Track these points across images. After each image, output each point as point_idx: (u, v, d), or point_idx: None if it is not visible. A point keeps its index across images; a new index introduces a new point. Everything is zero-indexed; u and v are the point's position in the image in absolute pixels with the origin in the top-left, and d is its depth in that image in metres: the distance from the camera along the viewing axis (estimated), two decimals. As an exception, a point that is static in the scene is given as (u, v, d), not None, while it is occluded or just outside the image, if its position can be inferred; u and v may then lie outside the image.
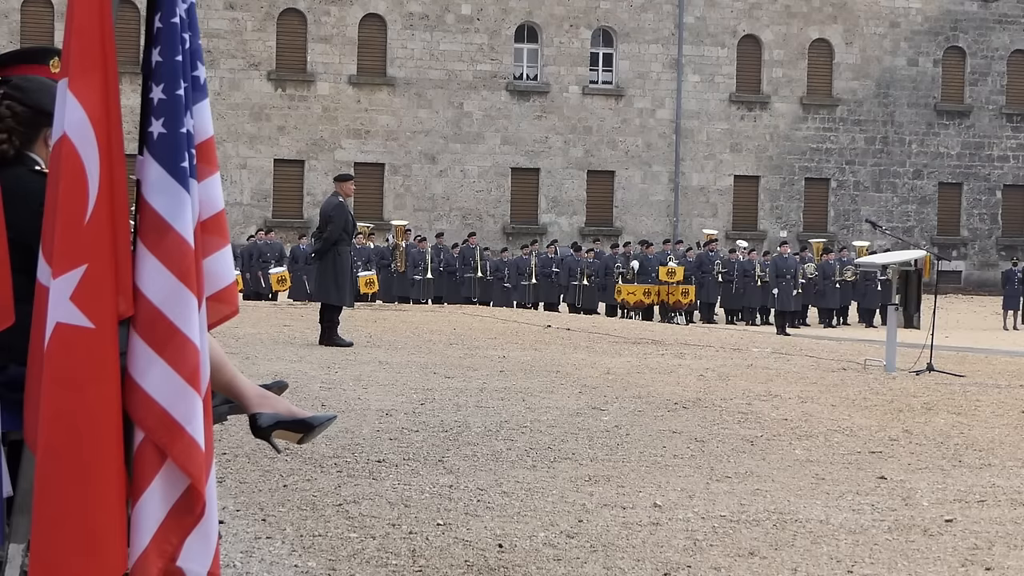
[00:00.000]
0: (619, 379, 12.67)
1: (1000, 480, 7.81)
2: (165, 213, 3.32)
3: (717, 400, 11.12)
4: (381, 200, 43.27)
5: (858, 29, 47.22)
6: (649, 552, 5.88)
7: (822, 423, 9.95)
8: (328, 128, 43.06)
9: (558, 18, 44.74)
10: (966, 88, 48.51)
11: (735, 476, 7.73)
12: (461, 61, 44.03)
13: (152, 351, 3.32)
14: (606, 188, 45.27)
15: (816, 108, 46.99)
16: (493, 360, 14.52)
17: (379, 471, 7.66)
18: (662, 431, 9.37)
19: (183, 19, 3.42)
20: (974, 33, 48.36)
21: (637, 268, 32.84)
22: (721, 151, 46.18)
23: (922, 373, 13.75)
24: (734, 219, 46.17)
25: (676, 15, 45.52)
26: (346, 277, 16.71)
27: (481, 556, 5.76)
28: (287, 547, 5.88)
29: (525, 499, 6.94)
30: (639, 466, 7.99)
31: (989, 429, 9.89)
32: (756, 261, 34.16)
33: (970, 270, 48.21)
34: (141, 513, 3.32)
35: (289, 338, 17.15)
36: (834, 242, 40.84)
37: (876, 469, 8.06)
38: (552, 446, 8.62)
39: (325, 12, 43.03)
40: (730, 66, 46.22)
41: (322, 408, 9.74)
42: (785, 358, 15.57)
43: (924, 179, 48.10)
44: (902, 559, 5.86)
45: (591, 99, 45.02)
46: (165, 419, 3.31)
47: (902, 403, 11.26)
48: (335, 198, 16.93)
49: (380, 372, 12.96)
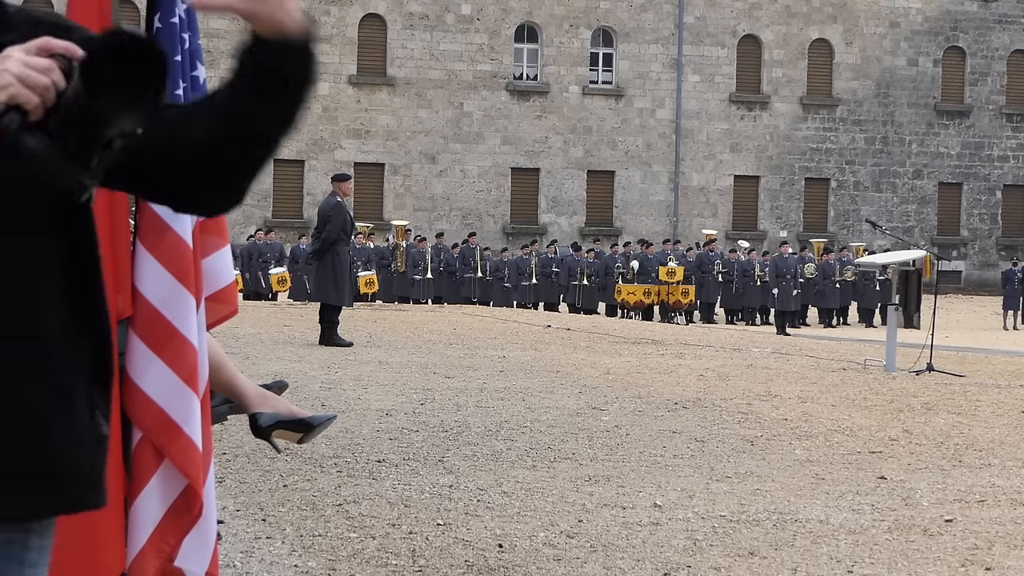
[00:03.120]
0: (619, 379, 12.67)
1: (1000, 480, 7.80)
2: (164, 214, 3.32)
3: (717, 400, 11.12)
4: (381, 200, 43.28)
5: (858, 29, 47.22)
6: (649, 552, 5.87)
7: (822, 423, 9.95)
8: (328, 128, 43.06)
9: (558, 18, 44.75)
10: (966, 88, 48.51)
11: (735, 476, 7.72)
12: (461, 61, 44.03)
13: (151, 351, 3.31)
14: (606, 188, 45.27)
15: (816, 108, 46.99)
16: (493, 360, 14.51)
17: (379, 471, 7.65)
18: (662, 431, 9.37)
19: (182, 19, 3.42)
20: (974, 33, 48.36)
21: (637, 268, 32.84)
22: (721, 151, 46.18)
23: (922, 373, 13.75)
24: (734, 219, 46.17)
25: (676, 15, 45.52)
26: (345, 277, 16.71)
27: (481, 556, 5.76)
28: (287, 547, 5.87)
29: (525, 499, 6.94)
30: (639, 466, 7.99)
31: (989, 429, 9.89)
32: (756, 261, 34.16)
33: (970, 270, 48.21)
34: (139, 513, 3.32)
35: (289, 338, 17.15)
36: (834, 242, 40.83)
37: (876, 469, 8.05)
38: (552, 446, 8.62)
39: (325, 12, 43.03)
40: (730, 66, 46.21)
41: (322, 408, 9.73)
42: (785, 358, 15.57)
43: (924, 179, 48.10)
44: (902, 559, 5.86)
45: (591, 99, 45.02)
46: (163, 419, 3.31)
47: (902, 403, 11.25)
48: (333, 198, 16.92)
49: (380, 372, 12.96)
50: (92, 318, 2.00)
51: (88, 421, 1.98)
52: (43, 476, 1.92)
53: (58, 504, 1.95)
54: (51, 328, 1.93)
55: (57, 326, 1.94)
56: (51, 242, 1.94)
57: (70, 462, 1.95)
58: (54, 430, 1.93)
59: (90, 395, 1.99)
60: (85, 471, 1.97)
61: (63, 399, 1.94)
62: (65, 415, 1.94)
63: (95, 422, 1.99)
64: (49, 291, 1.94)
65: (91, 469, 1.99)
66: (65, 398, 1.94)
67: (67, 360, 1.95)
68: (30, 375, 1.92)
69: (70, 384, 1.95)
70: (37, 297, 1.93)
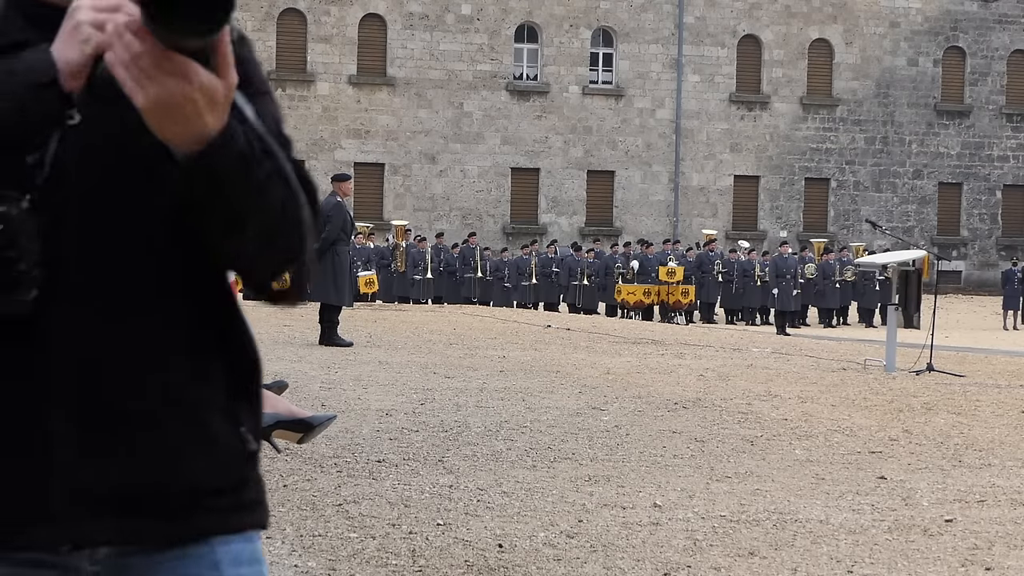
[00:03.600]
0: (619, 379, 12.67)
1: (1000, 480, 7.80)
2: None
3: (717, 400, 11.12)
4: (381, 200, 43.28)
5: (858, 29, 47.23)
6: (649, 552, 5.87)
7: (822, 423, 9.95)
8: (328, 128, 43.07)
9: (558, 18, 44.75)
10: (966, 88, 48.52)
11: (735, 476, 7.72)
12: (461, 61, 44.04)
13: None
14: (606, 188, 45.28)
15: (816, 108, 47.00)
16: (493, 360, 14.52)
17: (379, 471, 7.66)
18: (662, 431, 9.37)
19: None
20: (974, 33, 48.37)
21: (637, 268, 32.85)
22: (721, 151, 46.19)
23: (922, 373, 13.75)
24: (734, 219, 46.18)
25: (676, 15, 45.53)
26: (345, 277, 16.71)
27: (481, 556, 5.76)
28: (287, 547, 5.88)
29: (525, 499, 6.94)
30: (639, 466, 7.99)
31: (989, 429, 9.89)
32: (756, 261, 34.17)
33: (970, 270, 48.22)
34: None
35: (289, 338, 17.16)
36: (834, 242, 40.85)
37: (876, 469, 8.05)
38: (552, 446, 8.62)
39: (325, 12, 43.04)
40: (730, 66, 46.22)
41: (322, 408, 9.73)
42: (785, 358, 15.57)
43: (924, 179, 48.11)
44: (902, 559, 5.86)
45: (591, 99, 45.03)
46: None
47: (902, 403, 11.26)
48: (333, 198, 16.92)
49: (380, 372, 12.96)
50: (231, 329, 1.91)
51: (233, 437, 1.89)
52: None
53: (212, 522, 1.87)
54: (193, 342, 1.85)
55: (197, 340, 1.86)
56: (179, 256, 1.84)
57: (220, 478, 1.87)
58: (199, 446, 1.84)
59: (233, 411, 1.90)
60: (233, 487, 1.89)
61: (203, 412, 1.86)
62: (202, 431, 1.85)
63: (242, 439, 1.90)
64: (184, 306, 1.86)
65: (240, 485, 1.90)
66: (203, 412, 1.86)
67: (207, 374, 1.87)
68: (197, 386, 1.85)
69: (210, 398, 1.86)
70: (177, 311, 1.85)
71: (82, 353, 1.79)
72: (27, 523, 1.80)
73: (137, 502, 1.81)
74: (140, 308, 1.82)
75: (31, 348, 1.79)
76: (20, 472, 1.79)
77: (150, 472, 1.82)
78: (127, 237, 1.81)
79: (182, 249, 1.83)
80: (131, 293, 1.82)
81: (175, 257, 1.84)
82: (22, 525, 1.80)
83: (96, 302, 1.80)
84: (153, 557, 1.85)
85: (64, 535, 1.80)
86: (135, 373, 1.81)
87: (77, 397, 1.79)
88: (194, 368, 1.86)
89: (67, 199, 1.78)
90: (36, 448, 1.79)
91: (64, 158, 1.77)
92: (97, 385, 1.80)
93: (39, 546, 1.80)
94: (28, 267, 1.75)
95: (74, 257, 1.79)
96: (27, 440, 1.79)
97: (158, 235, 1.82)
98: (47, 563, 1.82)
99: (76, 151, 1.78)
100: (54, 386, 1.78)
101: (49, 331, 1.79)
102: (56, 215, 1.78)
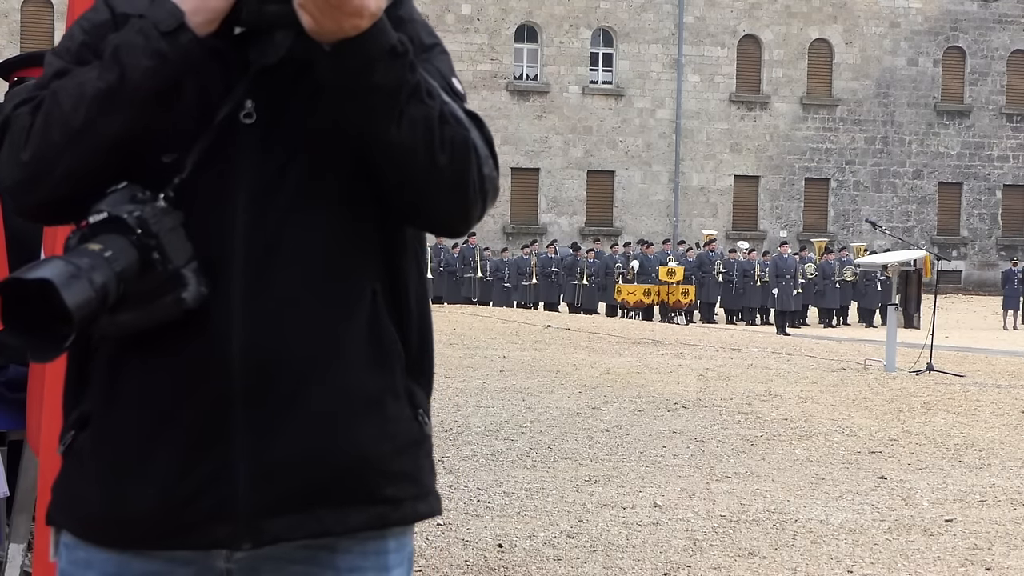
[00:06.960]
0: (619, 379, 12.67)
1: (1000, 480, 7.81)
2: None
3: (717, 400, 11.12)
4: (381, 200, 43.30)
5: (858, 29, 47.22)
6: (649, 552, 5.88)
7: (822, 423, 9.95)
8: (328, 128, 43.09)
9: (558, 18, 44.76)
10: (966, 88, 48.52)
11: (735, 476, 7.73)
12: (461, 61, 44.02)
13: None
14: (606, 188, 45.27)
15: (816, 108, 47.00)
16: (493, 360, 14.52)
17: (379, 471, 7.65)
18: (662, 431, 9.37)
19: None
20: (974, 33, 48.37)
21: (637, 268, 32.85)
22: (721, 151, 46.19)
23: (922, 373, 13.76)
24: (734, 219, 46.17)
25: (676, 15, 45.53)
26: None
27: (481, 556, 5.76)
28: (287, 547, 5.87)
29: (525, 499, 6.94)
30: (639, 466, 7.99)
31: (989, 429, 9.89)
32: (756, 261, 34.17)
33: (970, 270, 48.21)
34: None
35: (289, 338, 17.15)
36: (834, 242, 40.84)
37: (876, 469, 8.06)
38: (552, 446, 8.62)
39: (325, 12, 43.07)
40: (730, 66, 46.22)
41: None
42: (785, 358, 15.57)
43: (924, 179, 48.10)
44: (902, 559, 5.86)
45: (591, 99, 45.03)
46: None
47: (902, 403, 11.26)
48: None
49: (380, 372, 12.95)
50: (406, 309, 1.95)
51: (411, 422, 1.94)
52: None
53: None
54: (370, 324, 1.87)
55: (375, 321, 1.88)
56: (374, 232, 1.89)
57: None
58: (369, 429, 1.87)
59: (410, 392, 1.94)
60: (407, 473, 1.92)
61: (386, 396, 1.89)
62: (381, 417, 1.88)
63: (418, 421, 1.95)
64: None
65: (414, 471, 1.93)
66: (382, 396, 1.89)
67: (383, 357, 1.89)
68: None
69: (387, 382, 1.90)
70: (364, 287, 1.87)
71: (259, 345, 1.78)
72: (210, 521, 1.78)
73: (321, 494, 1.81)
74: (314, 296, 1.82)
75: (209, 345, 1.78)
76: (202, 471, 1.78)
77: (330, 463, 1.81)
78: (299, 234, 1.82)
79: (355, 233, 1.86)
80: (305, 281, 1.82)
81: (350, 242, 1.86)
82: (205, 524, 1.78)
83: (269, 294, 1.79)
84: (291, 555, 1.83)
85: (246, 533, 1.79)
86: (313, 362, 1.81)
87: (257, 391, 1.78)
88: (370, 353, 1.87)
89: (236, 196, 1.79)
90: (219, 447, 1.78)
91: (237, 157, 1.80)
92: (276, 377, 1.79)
93: (222, 543, 1.79)
94: (179, 264, 1.75)
95: (242, 253, 1.79)
96: (209, 440, 1.78)
97: (334, 225, 1.84)
98: (185, 560, 1.81)
99: (251, 151, 1.80)
100: (235, 383, 1.78)
101: (228, 326, 1.78)
102: (224, 213, 1.79)
